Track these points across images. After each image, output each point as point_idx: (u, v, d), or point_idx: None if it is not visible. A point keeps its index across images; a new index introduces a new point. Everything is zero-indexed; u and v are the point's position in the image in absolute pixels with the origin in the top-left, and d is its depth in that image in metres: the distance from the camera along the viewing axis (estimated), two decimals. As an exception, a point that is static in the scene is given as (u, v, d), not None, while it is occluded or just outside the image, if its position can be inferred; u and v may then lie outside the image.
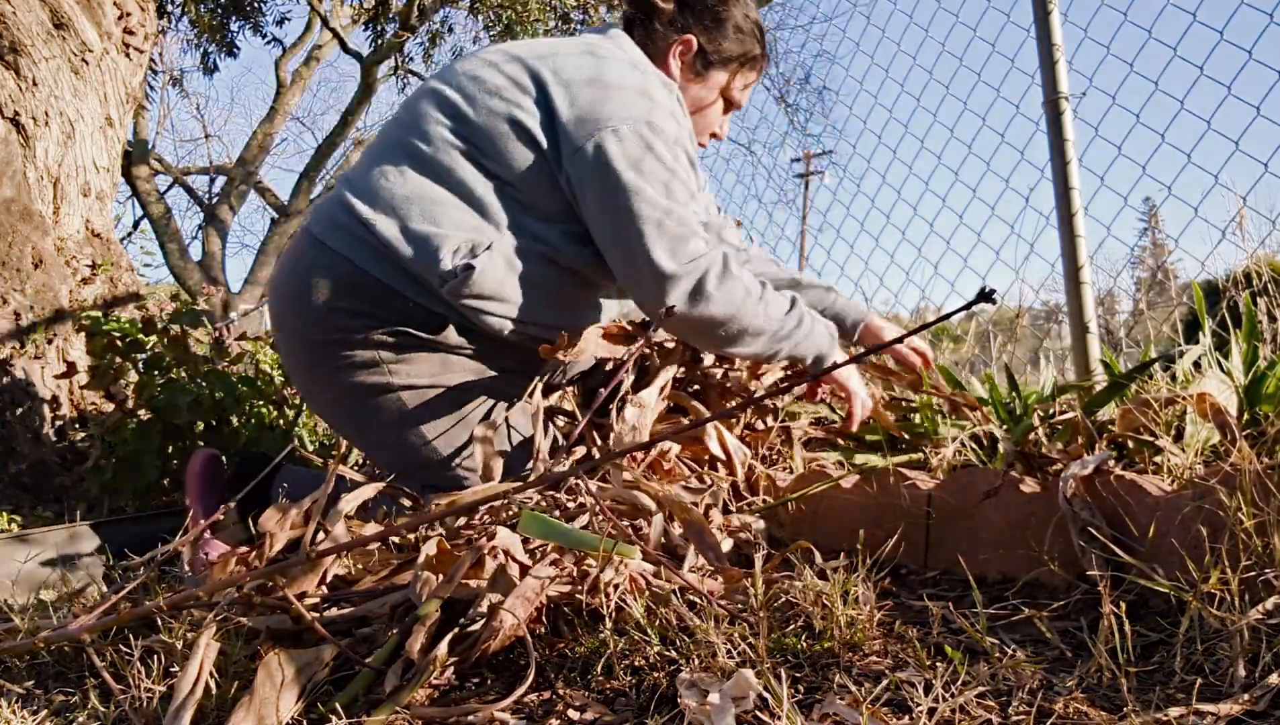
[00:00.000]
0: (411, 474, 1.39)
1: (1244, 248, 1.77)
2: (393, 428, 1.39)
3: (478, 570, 0.95)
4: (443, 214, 1.33)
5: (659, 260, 1.30)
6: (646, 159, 1.31)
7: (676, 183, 1.33)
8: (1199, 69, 1.87)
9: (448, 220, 1.32)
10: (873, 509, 1.20)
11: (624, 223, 1.31)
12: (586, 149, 1.30)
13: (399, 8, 8.97)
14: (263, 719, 0.77)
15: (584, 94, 1.33)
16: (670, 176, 1.33)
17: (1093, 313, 1.99)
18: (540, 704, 0.81)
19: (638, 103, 1.34)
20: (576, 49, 1.40)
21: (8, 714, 0.88)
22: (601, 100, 1.32)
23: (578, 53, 1.39)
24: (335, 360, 1.38)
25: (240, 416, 2.37)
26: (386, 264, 1.34)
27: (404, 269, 1.33)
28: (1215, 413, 1.05)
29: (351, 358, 1.37)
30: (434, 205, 1.33)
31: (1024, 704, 0.69)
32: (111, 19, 2.76)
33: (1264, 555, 0.79)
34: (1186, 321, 2.17)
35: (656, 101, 1.36)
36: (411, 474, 1.39)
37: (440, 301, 1.35)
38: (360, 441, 1.50)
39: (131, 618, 0.96)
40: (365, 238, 1.34)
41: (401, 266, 1.33)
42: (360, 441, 1.50)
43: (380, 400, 1.38)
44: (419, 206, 1.33)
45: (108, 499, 2.24)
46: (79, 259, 2.59)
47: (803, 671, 0.81)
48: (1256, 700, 0.65)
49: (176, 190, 17.06)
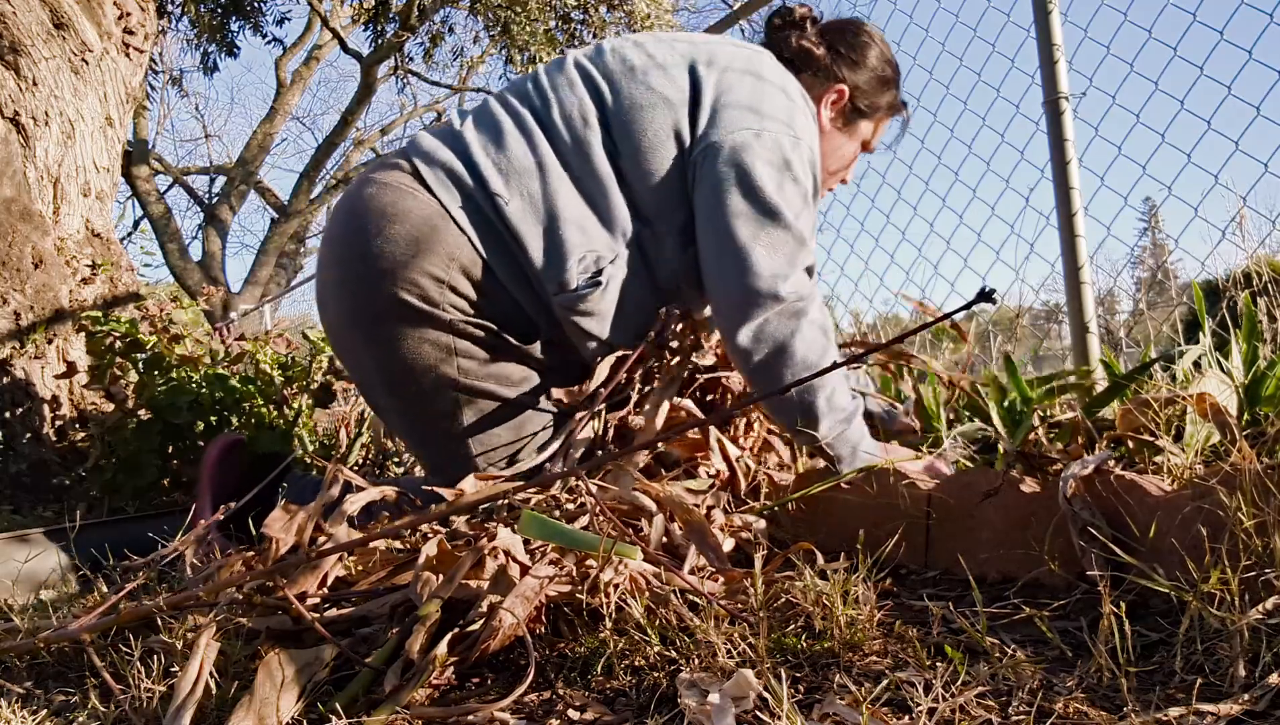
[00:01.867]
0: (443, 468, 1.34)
1: (1244, 248, 1.77)
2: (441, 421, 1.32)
3: (478, 570, 0.95)
4: (573, 221, 1.25)
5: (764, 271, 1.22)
6: (785, 174, 1.25)
7: (806, 207, 1.28)
8: (1199, 69, 1.87)
9: (577, 228, 1.25)
10: (873, 509, 1.20)
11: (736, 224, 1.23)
12: (725, 143, 1.23)
13: (399, 8, 8.97)
14: (263, 719, 0.77)
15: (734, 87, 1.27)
16: (800, 198, 1.27)
17: (1093, 312, 1.99)
18: (540, 704, 0.81)
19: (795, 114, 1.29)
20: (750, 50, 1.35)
21: (8, 714, 0.88)
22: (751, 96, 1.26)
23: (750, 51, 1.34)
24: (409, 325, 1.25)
25: (240, 416, 2.37)
26: (504, 251, 1.26)
27: (519, 265, 1.26)
28: (1215, 413, 1.05)
29: (428, 336, 1.26)
30: (567, 207, 1.25)
31: (1024, 704, 0.69)
32: (111, 19, 2.76)
33: (1264, 555, 0.79)
34: (1186, 321, 2.17)
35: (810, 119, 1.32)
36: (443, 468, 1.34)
37: (540, 309, 1.28)
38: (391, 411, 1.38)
39: (131, 618, 0.96)
40: (490, 217, 1.25)
41: (518, 262, 1.25)
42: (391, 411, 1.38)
43: (440, 392, 1.29)
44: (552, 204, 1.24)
45: (108, 499, 2.24)
46: (79, 259, 2.59)
47: (803, 671, 0.81)
48: (1256, 700, 0.65)
49: (176, 190, 17.08)
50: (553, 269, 1.24)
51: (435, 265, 1.24)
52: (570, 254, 1.23)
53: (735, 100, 1.26)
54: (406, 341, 1.27)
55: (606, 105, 1.28)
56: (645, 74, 1.29)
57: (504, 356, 1.31)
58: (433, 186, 1.26)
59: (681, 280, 1.34)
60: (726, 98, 1.26)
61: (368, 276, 1.26)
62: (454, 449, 1.34)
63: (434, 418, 1.32)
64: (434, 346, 1.27)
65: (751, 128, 1.24)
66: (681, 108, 1.27)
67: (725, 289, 1.26)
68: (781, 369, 1.25)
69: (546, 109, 1.30)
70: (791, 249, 1.25)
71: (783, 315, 1.24)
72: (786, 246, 1.25)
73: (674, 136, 1.27)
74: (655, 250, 1.31)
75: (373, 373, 1.34)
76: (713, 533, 1.06)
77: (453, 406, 1.31)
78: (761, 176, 1.23)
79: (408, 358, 1.27)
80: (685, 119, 1.27)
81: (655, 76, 1.28)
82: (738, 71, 1.29)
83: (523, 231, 1.24)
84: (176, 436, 2.28)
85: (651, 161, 1.27)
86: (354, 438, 2.34)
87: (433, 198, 1.26)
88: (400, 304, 1.24)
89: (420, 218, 1.24)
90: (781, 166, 1.25)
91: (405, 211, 1.25)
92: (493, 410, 1.32)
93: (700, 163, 1.26)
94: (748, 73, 1.29)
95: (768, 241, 1.24)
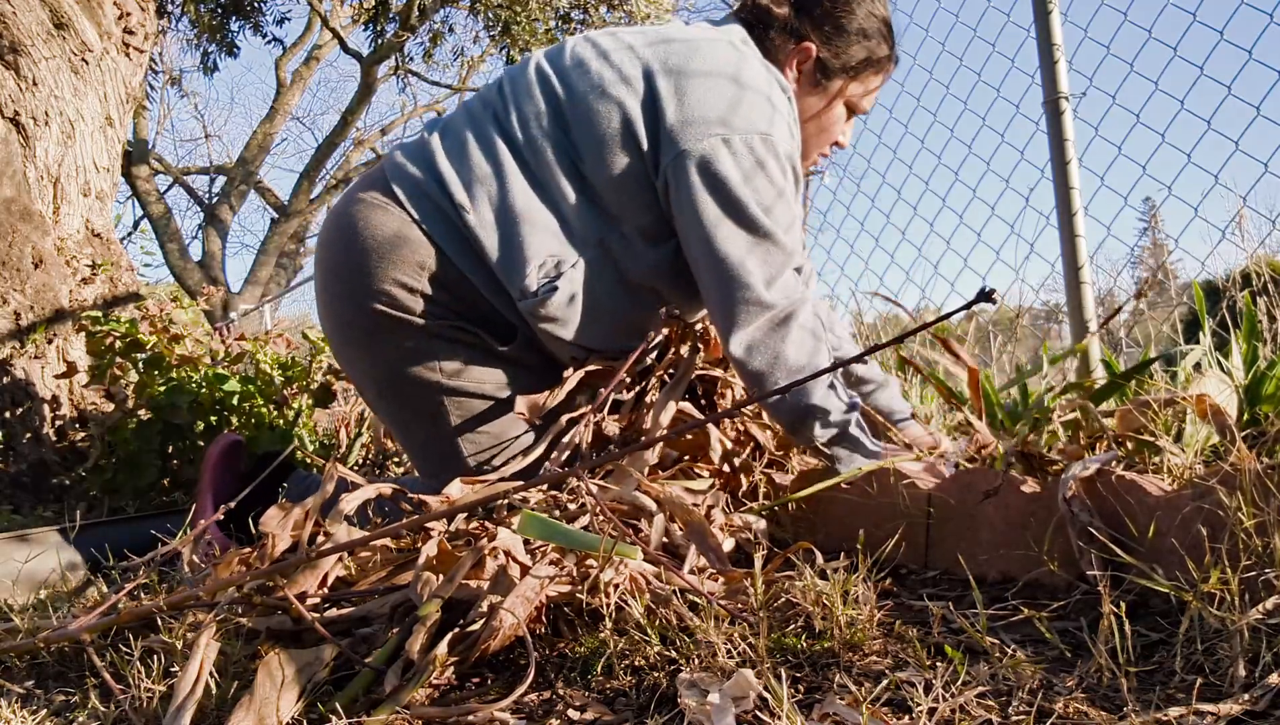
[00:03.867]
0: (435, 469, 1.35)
1: (1244, 248, 1.77)
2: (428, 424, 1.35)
3: (478, 570, 0.95)
4: (533, 225, 1.25)
5: (751, 282, 1.22)
6: (758, 176, 1.22)
7: (782, 206, 1.25)
8: (1199, 69, 1.87)
9: (537, 232, 1.25)
10: (873, 509, 1.20)
11: (717, 236, 1.22)
12: (694, 153, 1.21)
13: (399, 8, 8.98)
14: (263, 719, 0.77)
15: (696, 90, 1.23)
16: (777, 199, 1.24)
17: (1093, 313, 1.99)
18: (540, 704, 0.81)
19: (760, 108, 1.24)
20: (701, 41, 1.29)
21: (8, 714, 0.88)
22: (717, 100, 1.23)
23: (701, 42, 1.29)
24: (389, 335, 1.30)
25: (240, 416, 2.37)
26: (472, 258, 1.28)
27: (489, 271, 1.28)
28: (1215, 413, 1.05)
29: (408, 341, 1.30)
30: (526, 212, 1.26)
31: (1024, 704, 0.69)
32: (111, 19, 2.76)
33: (1264, 555, 0.79)
34: (1186, 321, 2.17)
35: (778, 109, 1.26)
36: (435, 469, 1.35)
37: (515, 311, 1.30)
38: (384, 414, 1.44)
39: (131, 618, 0.96)
40: (455, 222, 1.27)
41: (487, 268, 1.27)
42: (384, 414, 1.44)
43: (425, 395, 1.33)
44: (511, 210, 1.26)
45: (108, 499, 2.24)
46: (79, 259, 2.59)
47: (803, 671, 0.81)
48: (1256, 700, 0.65)
49: (176, 190, 17.09)
50: (514, 274, 1.26)
51: (406, 275, 1.28)
52: (530, 259, 1.25)
53: (702, 104, 1.23)
54: (388, 349, 1.32)
55: (564, 110, 1.28)
56: (602, 80, 1.27)
57: (487, 358, 1.34)
58: (403, 200, 1.30)
59: (656, 279, 1.34)
60: (692, 102, 1.23)
61: (344, 292, 1.32)
62: (444, 450, 1.36)
63: (422, 420, 1.35)
64: (414, 352, 1.31)
65: (720, 134, 1.22)
66: (637, 113, 1.25)
67: (714, 299, 1.27)
68: (775, 375, 1.26)
69: (507, 115, 1.32)
70: (773, 254, 1.24)
71: (772, 322, 1.24)
72: (767, 253, 1.24)
73: (633, 140, 1.25)
74: (624, 250, 1.31)
75: (363, 380, 1.40)
76: (713, 533, 1.06)
77: (439, 409, 1.34)
78: (735, 185, 1.22)
79: (391, 364, 1.33)
80: (642, 125, 1.25)
81: (612, 83, 1.26)
82: (702, 73, 1.25)
83: (483, 238, 1.27)
84: (176, 436, 2.28)
85: (612, 165, 1.26)
86: (354, 438, 2.35)
87: (403, 211, 1.30)
88: (377, 314, 1.30)
89: (390, 231, 1.29)
90: (754, 171, 1.23)
91: (376, 226, 1.30)
92: (481, 411, 1.34)
93: (672, 173, 1.24)
94: (713, 73, 1.25)
95: (748, 250, 1.23)
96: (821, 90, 1.43)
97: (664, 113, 1.24)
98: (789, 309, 1.24)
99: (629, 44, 1.30)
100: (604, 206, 1.29)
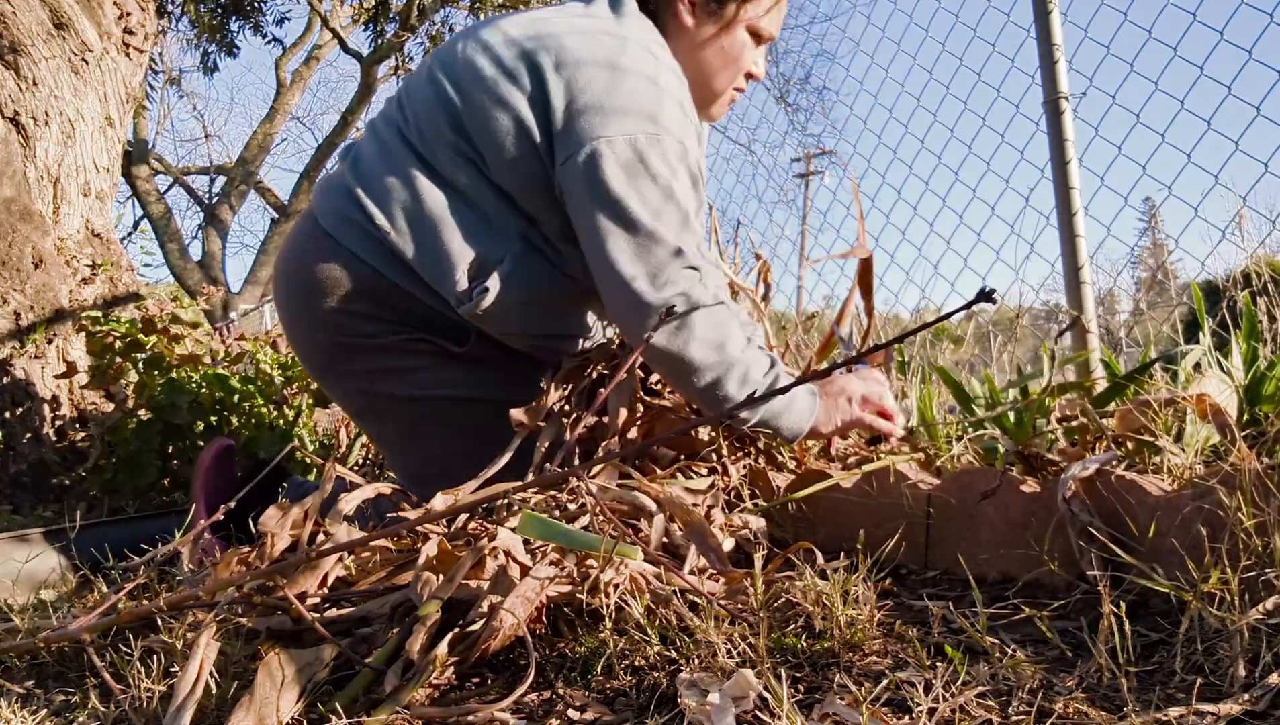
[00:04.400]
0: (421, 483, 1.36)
1: (1244, 248, 1.77)
2: (407, 436, 1.38)
3: (478, 571, 0.95)
4: (452, 229, 1.26)
5: (638, 288, 1.20)
6: (641, 178, 1.20)
7: (671, 206, 1.22)
8: (1199, 69, 1.87)
9: (457, 236, 1.26)
10: (873, 509, 1.20)
11: (606, 244, 1.21)
12: (578, 159, 1.20)
13: (399, 8, 8.98)
14: (263, 719, 0.77)
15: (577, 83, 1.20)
16: (665, 200, 1.21)
17: (1093, 312, 1.99)
18: (540, 704, 0.81)
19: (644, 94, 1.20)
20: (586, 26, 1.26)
21: (8, 714, 0.88)
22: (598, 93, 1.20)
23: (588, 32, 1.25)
24: (348, 362, 1.34)
25: (240, 416, 2.37)
26: (404, 271, 1.29)
27: (422, 281, 1.29)
28: (1215, 413, 1.05)
29: (367, 362, 1.34)
30: (443, 218, 1.26)
31: (1024, 704, 0.69)
32: (111, 19, 2.76)
33: (1264, 555, 0.79)
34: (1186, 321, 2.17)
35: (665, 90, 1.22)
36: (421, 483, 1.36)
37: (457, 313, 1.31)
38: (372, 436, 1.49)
39: (131, 618, 0.96)
40: (379, 240, 1.29)
41: (419, 276, 1.29)
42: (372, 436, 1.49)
43: (399, 409, 1.36)
44: (428, 218, 1.26)
45: (108, 499, 2.24)
46: (79, 259, 2.59)
47: (803, 671, 0.81)
48: (1256, 700, 0.65)
49: (176, 190, 17.09)
50: (443, 280, 1.27)
51: (348, 302, 1.31)
52: (455, 264, 1.26)
53: (587, 104, 1.20)
54: (353, 374, 1.36)
55: (462, 119, 1.26)
56: (495, 83, 1.24)
57: (450, 361, 1.36)
58: (329, 231, 1.33)
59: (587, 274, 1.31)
60: (578, 102, 1.21)
61: (301, 332, 1.38)
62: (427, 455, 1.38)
63: (403, 434, 1.39)
64: (378, 371, 1.34)
65: (604, 135, 1.19)
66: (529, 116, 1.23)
67: (610, 306, 1.26)
68: (687, 374, 1.24)
69: (408, 128, 1.32)
70: (656, 254, 1.21)
71: (669, 323, 1.22)
72: (652, 254, 1.21)
73: (530, 146, 1.24)
74: (548, 247, 1.32)
75: (343, 404, 1.46)
76: (713, 533, 1.06)
77: (417, 418, 1.36)
78: (617, 189, 1.19)
79: (360, 387, 1.37)
80: (536, 128, 1.23)
81: (501, 83, 1.24)
82: (589, 65, 1.21)
83: (407, 252, 1.28)
84: (176, 436, 2.28)
85: (514, 168, 1.25)
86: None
87: (332, 242, 1.32)
88: (332, 346, 1.34)
89: (323, 263, 1.32)
90: (636, 172, 1.20)
91: (310, 262, 1.33)
92: (458, 414, 1.36)
93: (563, 180, 1.23)
94: (601, 65, 1.21)
95: (633, 253, 1.21)
96: (717, 17, 1.37)
97: (553, 112, 1.21)
98: (685, 304, 1.21)
99: (512, 37, 1.27)
100: (519, 208, 1.29)
